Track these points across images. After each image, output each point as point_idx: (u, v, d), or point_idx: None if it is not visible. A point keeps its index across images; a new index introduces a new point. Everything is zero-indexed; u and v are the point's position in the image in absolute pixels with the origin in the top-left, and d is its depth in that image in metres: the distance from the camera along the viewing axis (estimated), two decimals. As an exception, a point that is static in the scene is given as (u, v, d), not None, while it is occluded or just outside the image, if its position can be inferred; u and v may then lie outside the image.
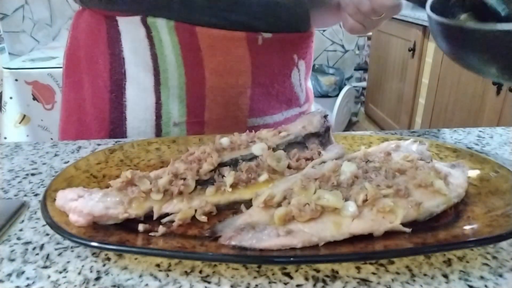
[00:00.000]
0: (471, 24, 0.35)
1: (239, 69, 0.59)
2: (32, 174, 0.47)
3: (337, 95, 2.80)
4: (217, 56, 0.57)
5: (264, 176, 0.40)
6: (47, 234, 0.36)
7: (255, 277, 0.31)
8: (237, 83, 0.59)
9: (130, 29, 0.57)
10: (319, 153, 0.44)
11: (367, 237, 0.33)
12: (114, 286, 0.30)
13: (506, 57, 0.36)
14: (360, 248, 0.32)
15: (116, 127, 0.59)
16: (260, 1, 0.57)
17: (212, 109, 0.59)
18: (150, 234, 0.34)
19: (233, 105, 0.61)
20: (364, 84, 2.96)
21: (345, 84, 2.93)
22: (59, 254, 0.34)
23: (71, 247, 0.34)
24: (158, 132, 0.59)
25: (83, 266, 0.32)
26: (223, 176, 0.40)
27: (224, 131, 0.56)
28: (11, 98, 1.77)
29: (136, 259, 0.33)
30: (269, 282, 0.31)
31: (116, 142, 0.56)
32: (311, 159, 0.43)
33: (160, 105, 0.58)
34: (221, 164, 0.41)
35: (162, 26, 0.56)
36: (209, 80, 0.58)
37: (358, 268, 0.32)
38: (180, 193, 0.38)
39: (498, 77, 0.39)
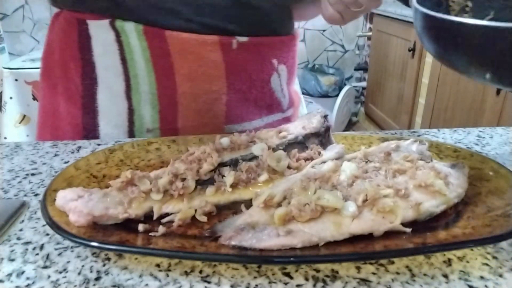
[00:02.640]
0: (459, 19, 0.34)
1: (212, 74, 0.57)
2: (32, 174, 0.47)
3: (337, 95, 2.80)
4: (188, 61, 0.55)
5: (264, 176, 0.40)
6: (47, 234, 0.36)
7: (255, 277, 0.31)
8: (210, 89, 0.57)
9: (100, 33, 0.55)
10: (319, 153, 0.44)
11: (367, 237, 0.33)
12: (114, 286, 0.30)
13: (496, 58, 0.34)
14: (360, 248, 0.32)
15: (89, 133, 0.58)
16: (232, 4, 0.55)
17: (185, 115, 0.58)
18: (150, 234, 0.34)
19: (208, 112, 0.59)
20: (364, 84, 2.97)
21: (345, 84, 2.93)
22: (59, 254, 0.34)
23: (71, 247, 0.34)
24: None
25: (83, 266, 0.32)
26: (223, 176, 0.40)
27: None
28: (11, 98, 1.77)
29: (136, 259, 0.33)
30: (269, 282, 0.31)
31: (116, 142, 0.56)
32: (311, 159, 0.43)
33: (133, 111, 0.57)
34: (221, 164, 0.41)
35: (131, 30, 0.54)
36: (181, 86, 0.56)
37: (358, 268, 0.32)
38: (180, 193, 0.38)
39: (489, 80, 0.37)
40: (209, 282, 0.31)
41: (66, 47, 0.58)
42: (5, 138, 1.74)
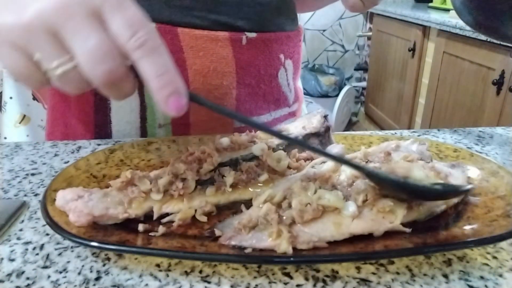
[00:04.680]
0: None
1: (223, 70, 0.58)
2: (32, 174, 0.47)
3: (337, 95, 2.80)
4: (200, 57, 0.57)
5: (264, 176, 0.40)
6: (47, 234, 0.36)
7: (255, 277, 0.31)
8: (221, 84, 0.59)
9: None
10: (319, 153, 0.44)
11: (367, 237, 0.33)
12: (114, 286, 0.30)
13: None
14: (360, 248, 0.32)
15: (101, 129, 0.59)
16: (242, 1, 0.56)
17: (197, 110, 0.59)
18: (150, 234, 0.34)
19: None
20: (364, 84, 2.97)
21: (345, 84, 2.93)
22: (59, 254, 0.34)
23: (71, 247, 0.34)
24: (144, 134, 0.59)
25: (83, 266, 0.32)
26: (223, 176, 0.40)
27: (211, 133, 0.56)
28: (11, 98, 1.76)
29: (136, 259, 0.33)
30: (269, 282, 0.31)
31: (116, 142, 0.56)
32: (311, 159, 0.43)
33: (145, 107, 0.57)
34: (221, 164, 0.41)
35: None
36: (193, 82, 0.57)
37: (358, 268, 0.32)
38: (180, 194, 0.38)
39: None
40: (209, 282, 0.31)
41: None
42: (5, 138, 1.73)
